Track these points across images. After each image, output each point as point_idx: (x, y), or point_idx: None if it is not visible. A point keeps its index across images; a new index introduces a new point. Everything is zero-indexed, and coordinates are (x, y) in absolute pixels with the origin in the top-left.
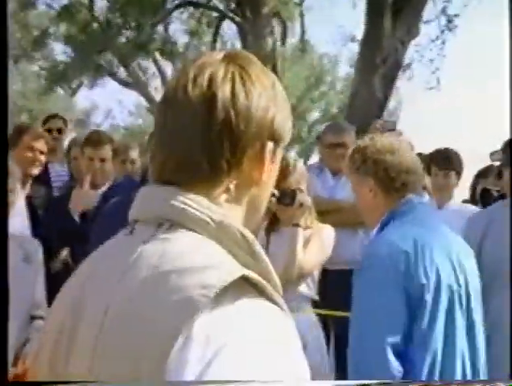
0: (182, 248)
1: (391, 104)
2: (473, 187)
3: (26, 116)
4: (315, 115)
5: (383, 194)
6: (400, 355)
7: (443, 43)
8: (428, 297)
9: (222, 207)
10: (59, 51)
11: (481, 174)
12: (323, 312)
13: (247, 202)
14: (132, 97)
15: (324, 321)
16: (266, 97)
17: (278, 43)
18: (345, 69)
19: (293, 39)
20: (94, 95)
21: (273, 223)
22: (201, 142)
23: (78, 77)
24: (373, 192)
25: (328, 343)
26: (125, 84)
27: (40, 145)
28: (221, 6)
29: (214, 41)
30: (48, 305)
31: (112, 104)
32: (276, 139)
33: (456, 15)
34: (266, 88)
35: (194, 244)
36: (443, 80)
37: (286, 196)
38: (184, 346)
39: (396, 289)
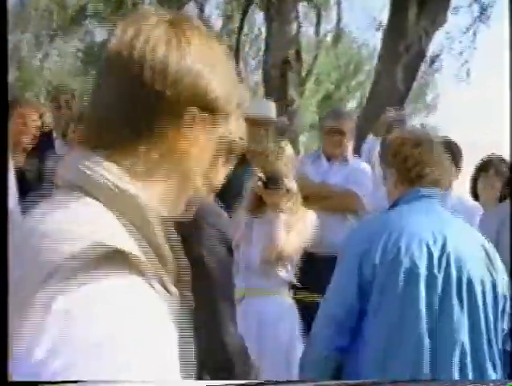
0: (72, 216)
1: (429, 97)
2: (474, 180)
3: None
4: (351, 104)
5: (402, 186)
6: (352, 329)
7: (475, 34)
8: (380, 277)
9: (139, 176)
10: (95, 32)
11: (482, 168)
12: (300, 296)
13: (175, 174)
14: None
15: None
16: (203, 65)
17: (311, 30)
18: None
19: (328, 27)
20: None
21: (258, 206)
22: (124, 106)
23: None
24: (395, 184)
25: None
26: None
27: (33, 117)
28: None
29: (241, 26)
30: None
31: None
32: (211, 109)
33: (490, 5)
34: (205, 56)
35: (86, 212)
36: (473, 72)
37: (273, 181)
38: (43, 315)
39: (350, 268)
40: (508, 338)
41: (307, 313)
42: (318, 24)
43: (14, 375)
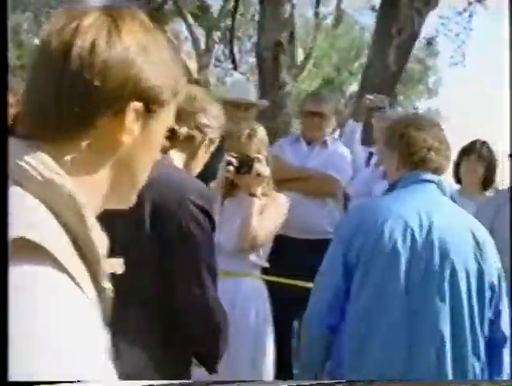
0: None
1: (431, 79)
2: (457, 165)
3: None
4: (353, 88)
5: (404, 169)
6: (341, 309)
7: (471, 16)
8: (363, 260)
9: (69, 166)
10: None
11: (465, 152)
12: (271, 278)
13: (114, 164)
14: None
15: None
16: (135, 52)
17: (310, 12)
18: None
19: (329, 9)
20: None
21: (230, 189)
22: (53, 96)
23: None
24: (398, 166)
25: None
26: None
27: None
28: None
29: (236, 6)
30: None
31: None
32: (146, 99)
33: None
34: (138, 43)
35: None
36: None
37: (243, 165)
38: None
39: (337, 250)
40: (498, 327)
41: (287, 295)
42: (317, 6)
43: None
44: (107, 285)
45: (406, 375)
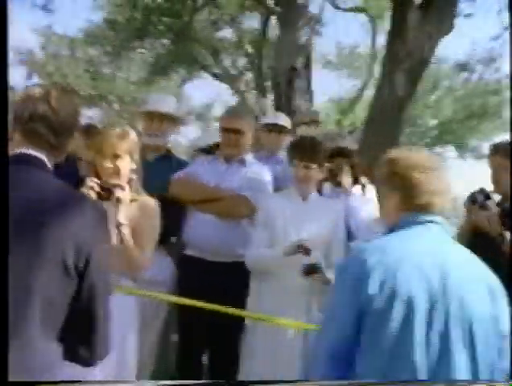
0: None
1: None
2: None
3: (127, 104)
4: (429, 121)
5: (407, 210)
6: (347, 359)
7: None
8: (377, 307)
9: None
10: (160, 43)
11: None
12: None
13: None
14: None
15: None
16: None
17: (368, 43)
18: (464, 74)
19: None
20: (196, 87)
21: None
22: None
23: (175, 69)
24: (398, 207)
25: None
26: (217, 76)
27: None
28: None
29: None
30: None
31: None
32: None
33: None
34: None
35: None
36: None
37: (104, 190)
38: None
39: (347, 297)
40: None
41: (196, 319)
42: (374, 35)
43: None
44: None
45: None
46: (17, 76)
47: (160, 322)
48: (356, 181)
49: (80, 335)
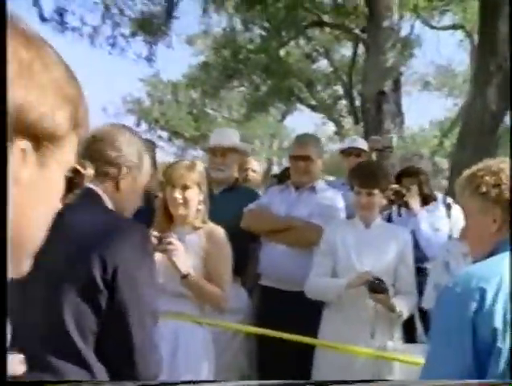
0: None
1: None
2: None
3: None
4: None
5: (505, 226)
6: None
7: None
8: (502, 344)
9: None
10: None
11: None
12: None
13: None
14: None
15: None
16: (14, 77)
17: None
18: None
19: None
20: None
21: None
22: None
23: (273, 103)
24: (497, 222)
25: None
26: (312, 108)
27: None
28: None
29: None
30: None
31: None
32: (35, 135)
33: None
34: (19, 64)
35: None
36: None
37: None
38: None
39: (463, 331)
40: None
41: (265, 347)
42: (472, 51)
43: None
44: None
45: None
46: (127, 124)
47: (234, 351)
48: (426, 201)
49: (117, 352)
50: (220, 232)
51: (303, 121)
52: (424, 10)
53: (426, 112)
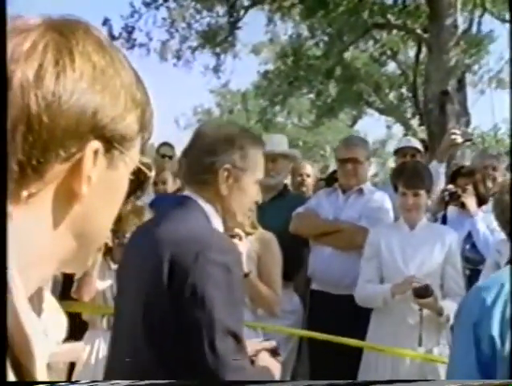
0: None
1: None
2: None
3: (299, 148)
4: None
5: None
6: None
7: None
8: (500, 352)
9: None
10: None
11: None
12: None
13: (70, 223)
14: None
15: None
16: (89, 82)
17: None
18: None
19: None
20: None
21: None
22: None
23: (342, 109)
24: None
25: None
26: (381, 111)
27: None
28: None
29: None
30: None
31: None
32: (107, 137)
33: None
34: (94, 69)
35: None
36: None
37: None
38: None
39: (466, 339)
40: None
41: (319, 350)
42: None
43: None
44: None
45: None
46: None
47: (288, 355)
48: (482, 201)
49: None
50: (270, 236)
51: (373, 124)
52: (492, 4)
53: (499, 110)
